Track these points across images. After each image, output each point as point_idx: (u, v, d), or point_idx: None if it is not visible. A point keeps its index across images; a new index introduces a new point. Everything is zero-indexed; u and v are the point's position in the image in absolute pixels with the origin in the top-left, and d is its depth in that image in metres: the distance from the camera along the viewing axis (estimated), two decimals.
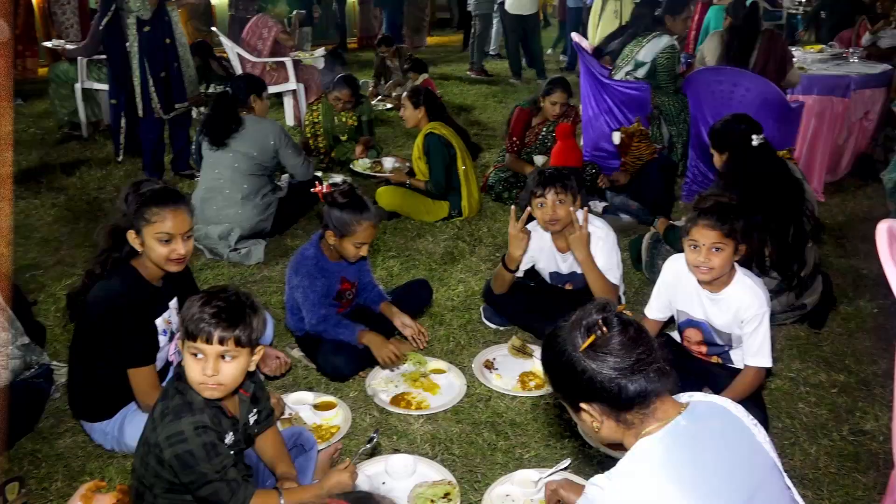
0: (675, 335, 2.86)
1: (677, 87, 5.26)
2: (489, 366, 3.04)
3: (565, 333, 1.54)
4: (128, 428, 2.43)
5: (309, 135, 5.67)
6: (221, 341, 1.73)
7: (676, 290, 2.67)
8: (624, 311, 1.55)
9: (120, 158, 5.41)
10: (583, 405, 1.54)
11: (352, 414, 2.72)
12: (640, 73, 5.26)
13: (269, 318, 3.05)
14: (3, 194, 4.94)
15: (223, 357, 1.76)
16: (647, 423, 1.49)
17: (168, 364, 2.50)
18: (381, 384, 2.91)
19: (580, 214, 2.96)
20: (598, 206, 4.60)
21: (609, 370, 1.47)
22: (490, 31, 10.46)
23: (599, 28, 7.74)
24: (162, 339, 2.40)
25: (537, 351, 3.08)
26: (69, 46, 6.38)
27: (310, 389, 2.87)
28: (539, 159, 4.92)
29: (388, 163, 5.21)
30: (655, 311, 2.74)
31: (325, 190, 2.85)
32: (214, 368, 1.75)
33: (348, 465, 2.01)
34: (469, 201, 4.60)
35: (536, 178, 3.01)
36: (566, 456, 2.47)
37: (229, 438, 1.86)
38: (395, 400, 2.81)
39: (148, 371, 2.33)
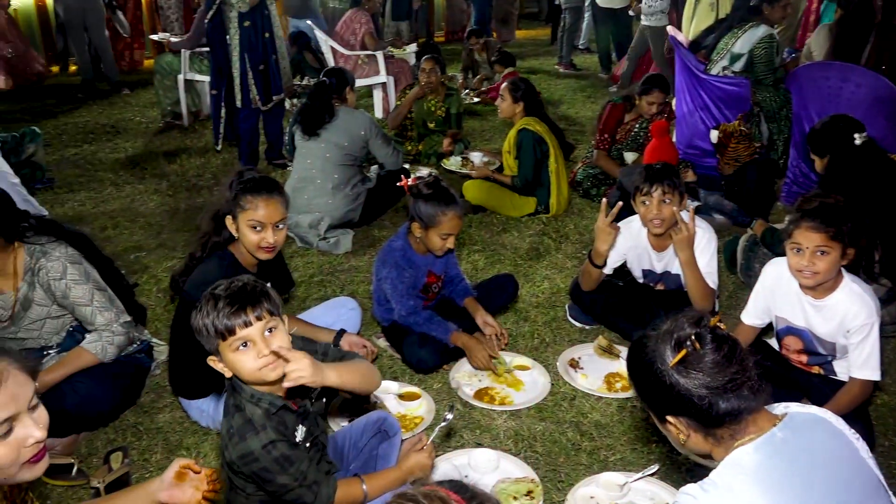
0: (773, 342, 2.73)
1: (777, 77, 5.01)
2: (574, 365, 3.00)
3: (654, 344, 1.49)
4: (222, 407, 2.52)
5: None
6: (259, 318, 1.69)
7: (776, 296, 2.55)
8: (718, 325, 1.49)
9: (219, 147, 5.61)
10: (669, 418, 1.50)
11: (435, 406, 2.74)
12: (737, 66, 5.04)
13: (357, 307, 3.11)
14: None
15: (269, 332, 1.71)
16: (737, 438, 1.44)
17: None
18: (465, 378, 2.91)
19: (686, 214, 2.87)
20: (691, 204, 4.44)
21: (700, 388, 1.42)
22: (580, 24, 10.27)
23: (694, 21, 7.47)
24: None
25: (624, 352, 3.01)
26: (173, 39, 6.68)
27: (394, 379, 2.90)
28: (630, 156, 4.81)
29: (477, 158, 5.20)
30: (753, 316, 2.63)
31: (410, 182, 2.88)
32: (268, 345, 1.70)
33: (426, 446, 2.02)
34: (558, 199, 4.53)
35: (643, 175, 2.93)
36: (653, 461, 2.40)
37: (300, 434, 1.84)
38: (479, 394, 2.81)
39: None
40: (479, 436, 2.59)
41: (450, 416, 2.16)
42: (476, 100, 7.61)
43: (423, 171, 5.05)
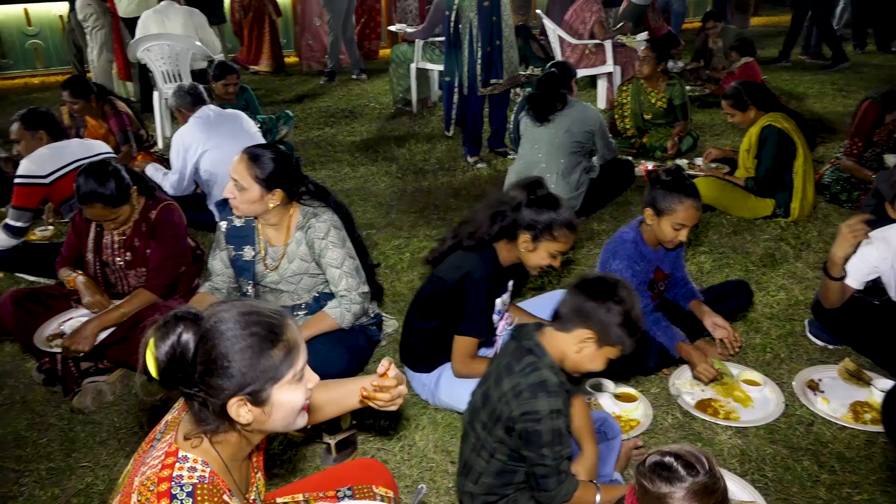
0: None
1: None
2: (813, 387, 2.72)
3: None
4: (442, 384, 2.63)
5: (617, 116, 5.57)
6: None
7: None
8: None
9: (450, 132, 5.80)
10: None
11: (653, 411, 2.63)
12: None
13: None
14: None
15: None
16: None
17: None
18: (687, 385, 2.76)
19: None
20: None
21: None
22: (834, 8, 9.23)
23: None
24: (495, 318, 2.55)
25: (878, 380, 2.67)
26: (409, 30, 7.03)
27: (611, 378, 2.82)
28: (890, 158, 4.24)
29: (703, 164, 4.88)
30: None
31: (650, 168, 2.77)
32: None
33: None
34: (801, 203, 4.12)
35: None
36: None
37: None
38: (701, 405, 2.65)
39: (474, 343, 2.50)
40: (701, 449, 2.43)
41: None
42: (707, 91, 7.14)
43: (649, 165, 4.87)
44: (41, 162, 3.68)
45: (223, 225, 2.84)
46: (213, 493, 1.35)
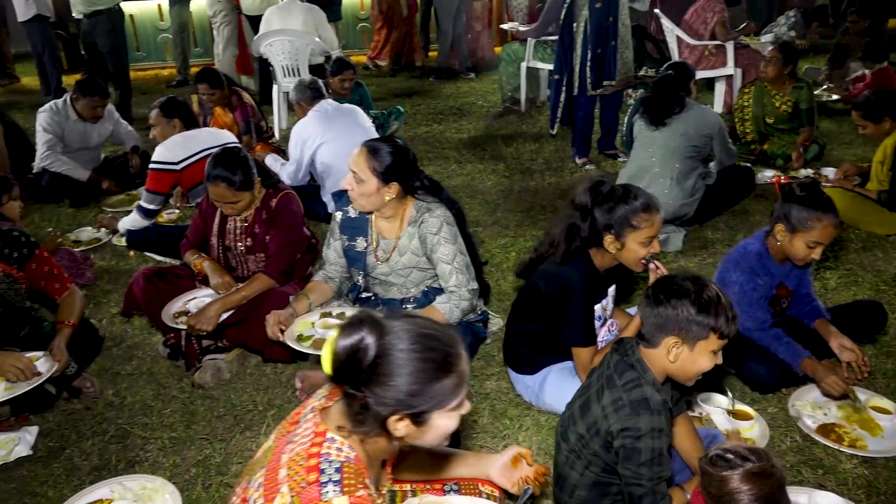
0: None
1: None
2: None
3: None
4: (547, 387, 2.60)
5: (737, 119, 5.33)
6: None
7: None
8: None
9: (554, 131, 5.74)
10: None
11: (770, 432, 2.50)
12: None
13: None
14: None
15: None
16: None
17: None
18: (808, 408, 2.61)
19: None
20: None
21: None
22: None
23: None
24: (596, 324, 2.51)
25: None
26: (521, 28, 7.00)
27: (724, 393, 2.71)
28: None
29: (832, 174, 4.58)
30: None
31: (782, 180, 2.63)
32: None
33: None
34: None
35: None
36: None
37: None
38: (824, 430, 2.50)
39: (589, 351, 2.46)
40: (822, 476, 2.30)
41: None
42: (835, 97, 6.71)
43: (768, 173, 4.64)
44: (174, 149, 3.92)
45: (338, 215, 2.92)
46: (358, 473, 1.40)
